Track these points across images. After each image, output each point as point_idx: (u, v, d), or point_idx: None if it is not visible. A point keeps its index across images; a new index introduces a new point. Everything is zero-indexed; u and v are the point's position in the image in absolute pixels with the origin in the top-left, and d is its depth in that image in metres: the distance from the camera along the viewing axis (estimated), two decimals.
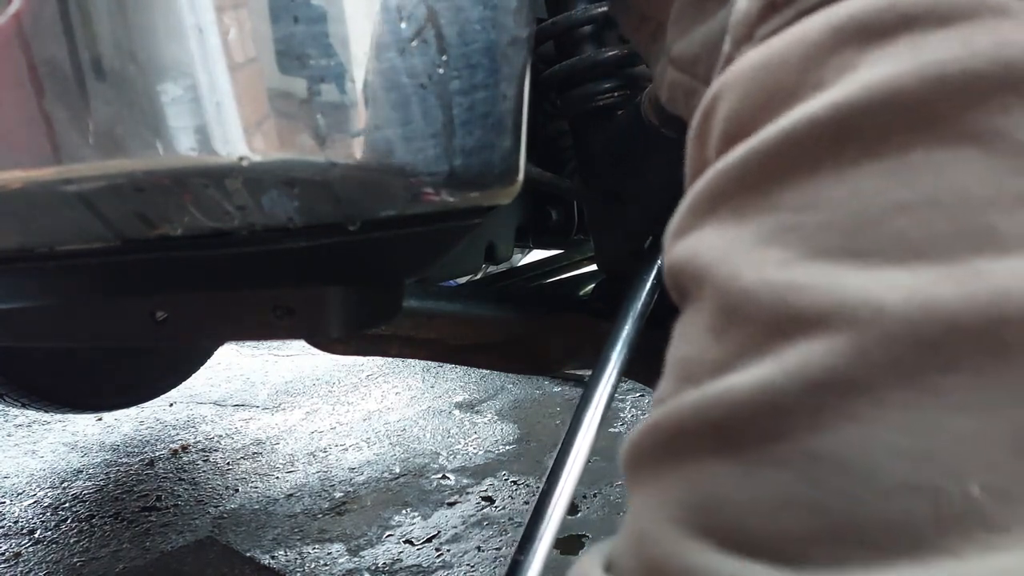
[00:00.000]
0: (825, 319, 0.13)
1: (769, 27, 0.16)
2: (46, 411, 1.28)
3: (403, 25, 0.35)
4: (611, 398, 0.49)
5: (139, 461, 1.43)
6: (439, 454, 1.43)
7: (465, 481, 1.30)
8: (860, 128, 0.14)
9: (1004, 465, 0.12)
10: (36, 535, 1.16)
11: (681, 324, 0.17)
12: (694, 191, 0.17)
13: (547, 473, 0.46)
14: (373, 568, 1.04)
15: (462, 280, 1.10)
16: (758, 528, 0.13)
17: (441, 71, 0.36)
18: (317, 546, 1.10)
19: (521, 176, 0.42)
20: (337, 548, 1.10)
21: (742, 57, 0.17)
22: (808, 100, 0.15)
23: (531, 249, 1.03)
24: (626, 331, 0.52)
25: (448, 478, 1.31)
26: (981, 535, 0.12)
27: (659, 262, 0.56)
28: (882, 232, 0.13)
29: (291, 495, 1.27)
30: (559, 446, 0.47)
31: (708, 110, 0.18)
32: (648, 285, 0.55)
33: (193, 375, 1.52)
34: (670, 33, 0.29)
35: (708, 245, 0.16)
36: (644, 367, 0.65)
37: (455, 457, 1.40)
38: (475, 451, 1.43)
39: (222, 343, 1.57)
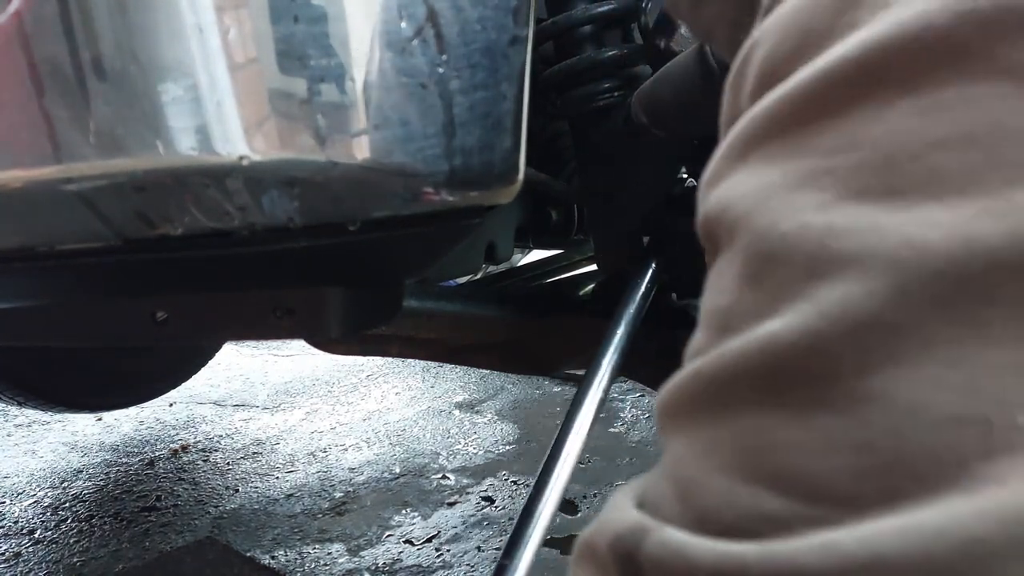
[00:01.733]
0: (864, 260, 0.13)
1: None
2: (44, 410, 1.28)
3: (403, 25, 0.35)
4: (603, 401, 0.49)
5: (139, 461, 1.43)
6: (439, 454, 1.42)
7: (465, 481, 1.30)
8: (892, 66, 0.14)
9: None
10: (36, 535, 1.16)
11: (714, 275, 0.17)
12: (727, 140, 0.17)
13: (536, 476, 0.46)
14: (373, 568, 1.04)
15: (462, 280, 1.10)
16: (809, 471, 0.13)
17: (441, 71, 0.36)
18: (317, 546, 1.10)
19: (521, 176, 0.42)
20: (337, 548, 1.10)
21: (780, 4, 0.17)
22: (841, 41, 0.15)
23: (531, 249, 1.03)
24: (619, 334, 0.52)
25: (448, 478, 1.31)
26: None
27: (652, 264, 0.56)
28: (918, 170, 0.13)
29: (291, 495, 1.27)
30: (549, 449, 0.47)
31: (745, 58, 0.18)
32: (642, 288, 0.55)
33: (193, 375, 1.52)
34: None
35: (741, 193, 0.16)
36: (643, 367, 0.65)
37: (455, 457, 1.40)
38: (475, 451, 1.43)
39: (223, 343, 1.57)
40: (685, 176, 0.60)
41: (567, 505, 1.16)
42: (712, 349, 0.16)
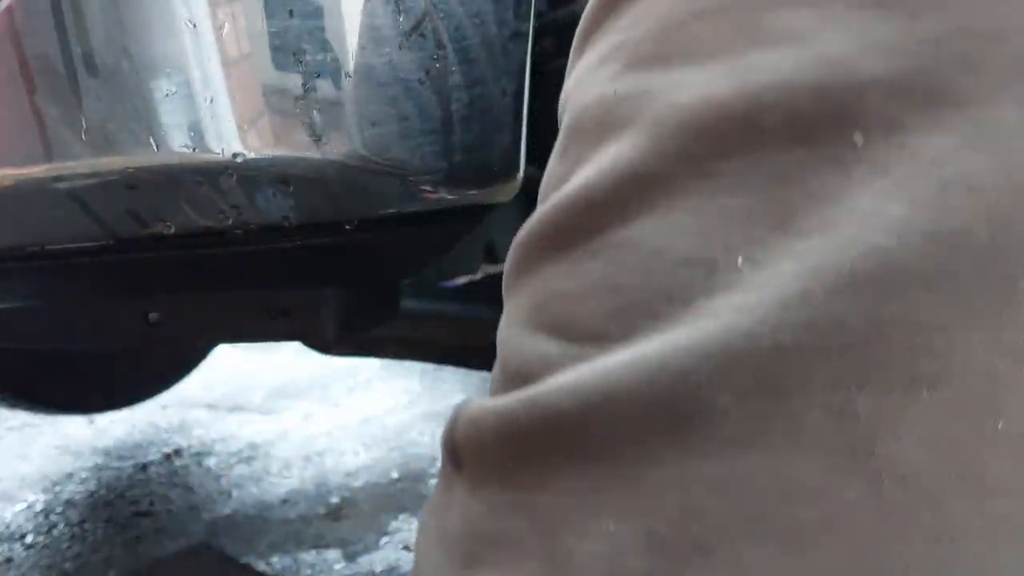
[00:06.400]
0: (636, 121, 0.15)
1: None
2: (34, 412, 1.26)
3: (400, 19, 0.35)
4: None
5: (132, 465, 1.42)
6: (438, 459, 1.42)
7: None
8: None
9: (763, 239, 0.13)
10: (27, 540, 1.14)
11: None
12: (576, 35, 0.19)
13: None
14: (370, 574, 1.03)
15: (461, 281, 1.09)
16: (576, 314, 0.15)
17: (439, 66, 0.36)
18: (313, 552, 1.09)
19: (521, 173, 0.42)
20: (334, 554, 1.09)
21: None
22: None
23: None
24: None
25: None
26: (738, 297, 0.13)
27: None
28: (683, 38, 0.15)
29: (286, 500, 1.26)
30: None
31: None
32: None
33: (186, 377, 1.51)
34: None
35: (572, 81, 0.18)
36: None
37: None
38: None
39: (217, 345, 1.56)
40: None
41: None
42: (528, 222, 0.17)
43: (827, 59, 0.13)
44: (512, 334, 0.16)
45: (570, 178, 0.16)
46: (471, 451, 0.16)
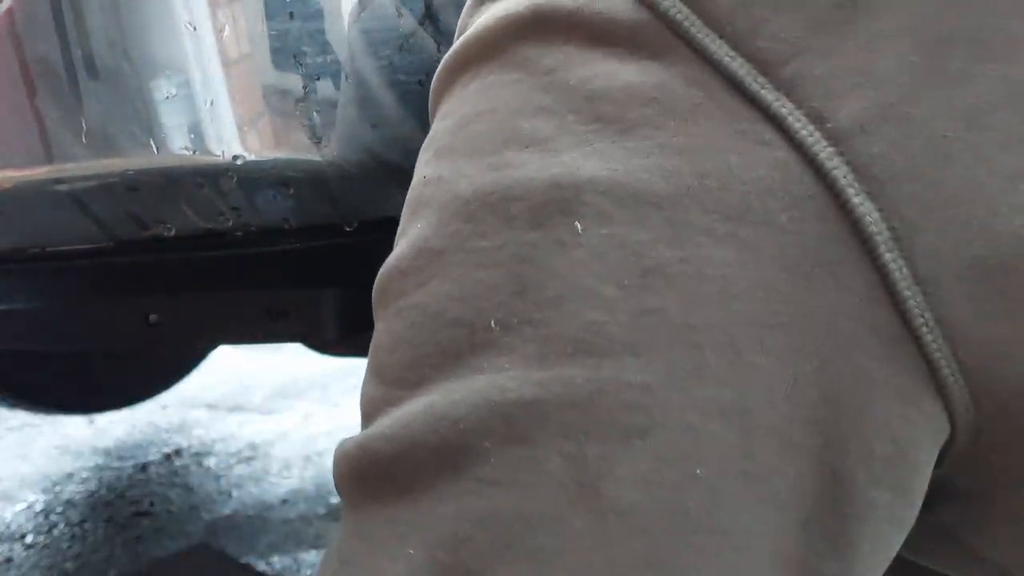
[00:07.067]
0: (431, 202, 0.18)
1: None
2: (34, 412, 1.27)
3: (400, 21, 0.35)
4: None
5: (131, 465, 1.42)
6: None
7: None
8: (469, 58, 0.19)
9: (509, 304, 0.16)
10: (27, 540, 1.14)
11: None
12: None
13: None
14: None
15: None
16: (388, 363, 0.18)
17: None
18: (313, 552, 1.09)
19: None
20: None
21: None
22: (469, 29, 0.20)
23: None
24: None
25: None
26: (494, 356, 0.16)
27: None
28: (466, 134, 0.18)
29: (286, 500, 1.26)
30: None
31: None
32: None
33: (186, 377, 1.51)
34: None
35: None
36: None
37: None
38: None
39: (217, 345, 1.56)
40: None
41: None
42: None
43: (559, 161, 0.17)
44: (364, 378, 0.20)
45: (396, 247, 0.20)
46: (339, 486, 0.19)
